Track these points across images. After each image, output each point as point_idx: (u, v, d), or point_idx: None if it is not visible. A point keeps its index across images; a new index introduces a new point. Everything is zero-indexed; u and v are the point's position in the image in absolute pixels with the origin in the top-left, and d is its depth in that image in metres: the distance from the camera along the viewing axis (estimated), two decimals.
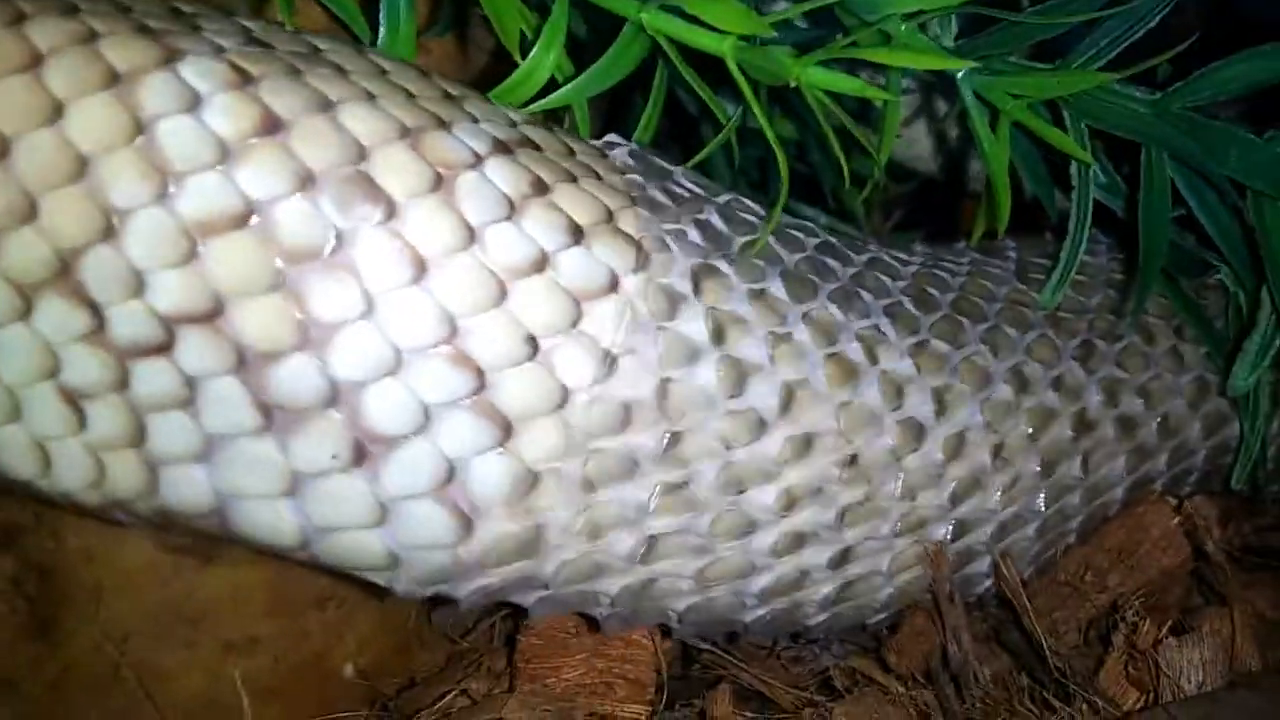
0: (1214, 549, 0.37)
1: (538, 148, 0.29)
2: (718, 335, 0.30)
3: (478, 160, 0.27)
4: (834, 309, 0.33)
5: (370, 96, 0.27)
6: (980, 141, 0.34)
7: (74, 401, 0.26)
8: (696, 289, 0.30)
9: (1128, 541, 0.39)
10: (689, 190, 0.33)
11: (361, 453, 0.26)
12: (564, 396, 0.28)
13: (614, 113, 0.40)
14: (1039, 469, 0.36)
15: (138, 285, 0.25)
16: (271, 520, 0.27)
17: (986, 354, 0.36)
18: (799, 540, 0.33)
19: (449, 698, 0.33)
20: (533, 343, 0.27)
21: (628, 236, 0.29)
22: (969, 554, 0.36)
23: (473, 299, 0.26)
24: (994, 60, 0.33)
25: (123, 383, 0.25)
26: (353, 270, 0.25)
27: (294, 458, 0.26)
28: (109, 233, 0.24)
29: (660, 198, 0.31)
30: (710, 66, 0.32)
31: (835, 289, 0.33)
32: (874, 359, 0.33)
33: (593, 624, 0.34)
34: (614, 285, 0.28)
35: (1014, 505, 0.36)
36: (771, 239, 0.33)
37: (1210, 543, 0.37)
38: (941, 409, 0.34)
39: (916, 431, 0.34)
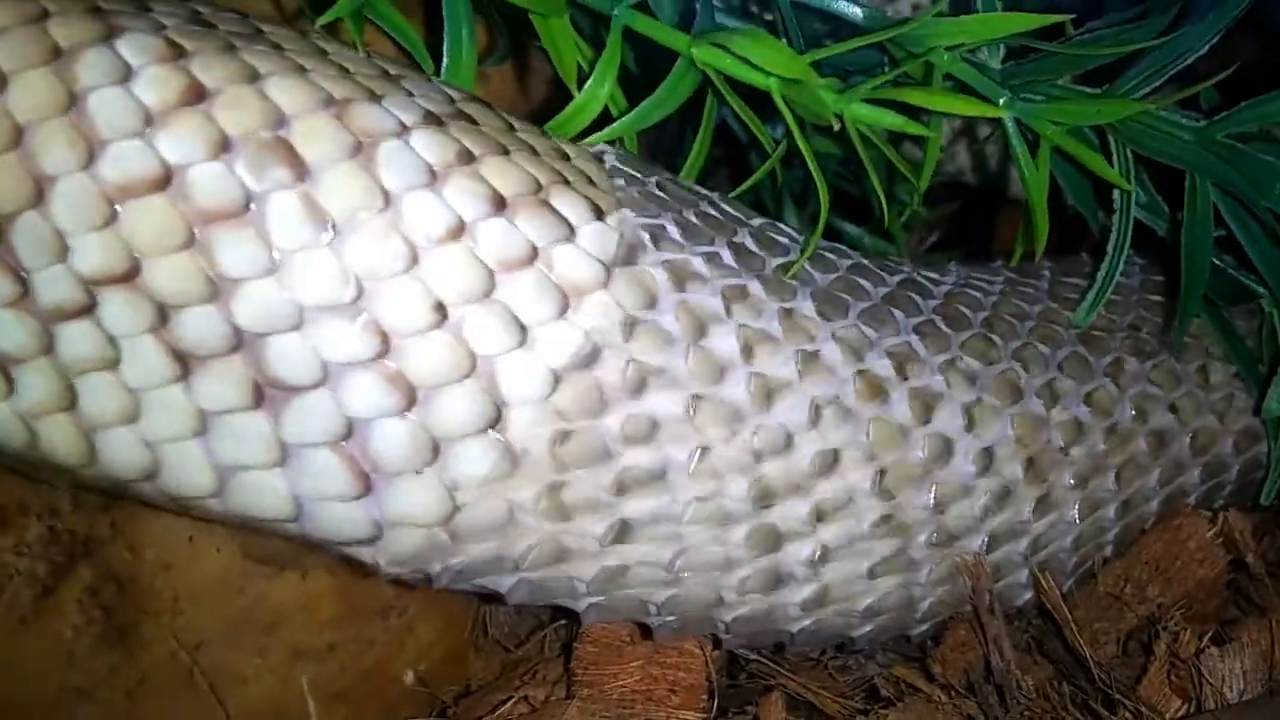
0: (1254, 561, 0.38)
1: (474, 122, 0.29)
2: (747, 351, 0.31)
3: (403, 130, 0.28)
4: (864, 327, 0.34)
5: (302, 70, 0.27)
6: (1020, 167, 0.35)
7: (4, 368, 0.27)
8: (727, 310, 0.31)
9: (1165, 554, 0.40)
10: (721, 214, 0.34)
11: (260, 395, 0.27)
12: (473, 366, 0.28)
13: (659, 138, 0.41)
14: (1072, 482, 0.37)
15: (62, 249, 0.26)
16: (188, 465, 0.28)
17: (1018, 370, 0.37)
18: (834, 553, 0.34)
19: (509, 704, 0.34)
20: (441, 310, 0.27)
21: (555, 211, 0.29)
22: (1006, 566, 0.37)
23: (380, 263, 0.27)
24: (1038, 85, 0.34)
25: (49, 347, 0.27)
26: (261, 229, 0.26)
27: (199, 397, 0.27)
28: (39, 198, 0.26)
29: (676, 235, 0.32)
30: (758, 92, 0.33)
31: (866, 308, 0.35)
32: (904, 375, 0.34)
33: (646, 632, 0.35)
34: (533, 257, 0.28)
35: (1048, 517, 0.37)
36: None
37: (1251, 555, 0.38)
38: (971, 424, 0.35)
39: (945, 446, 0.35)
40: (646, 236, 0.31)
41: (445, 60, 0.33)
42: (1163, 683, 0.36)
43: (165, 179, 0.26)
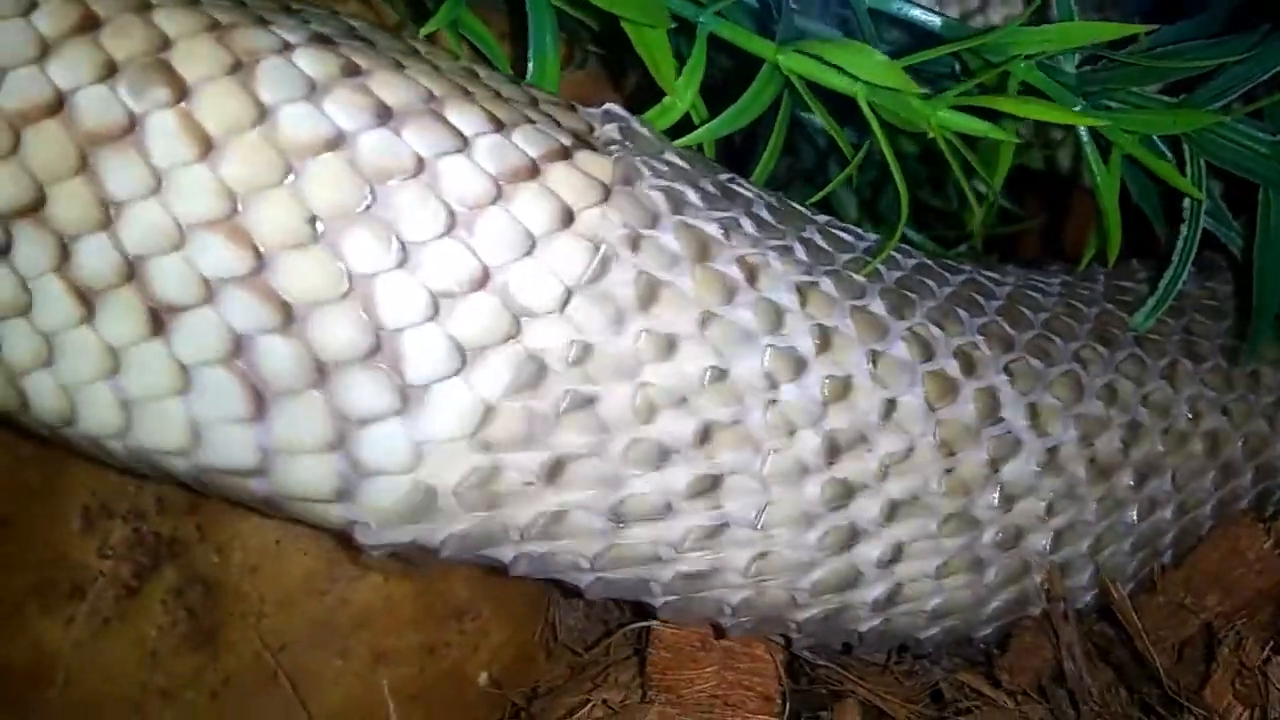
0: None
1: (370, 43, 0.29)
2: (822, 348, 0.31)
3: (286, 48, 0.27)
4: (932, 326, 0.34)
5: (193, 2, 0.28)
6: (1094, 175, 0.36)
7: None
8: (802, 301, 0.31)
9: (1223, 564, 0.40)
10: (789, 209, 0.34)
11: (158, 321, 0.27)
12: (350, 283, 0.27)
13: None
14: (1131, 483, 0.38)
15: None
16: (99, 406, 0.28)
17: (1079, 371, 0.37)
18: (905, 551, 0.34)
19: (588, 708, 0.35)
20: (313, 223, 0.27)
21: (446, 122, 0.28)
22: (1068, 566, 0.38)
23: (253, 176, 0.27)
24: (1113, 93, 0.35)
25: None
26: (141, 149, 0.27)
27: (102, 334, 0.27)
28: None
29: (751, 229, 0.32)
30: (834, 97, 0.33)
31: (934, 307, 0.35)
32: (970, 374, 0.34)
33: (718, 633, 0.35)
34: (419, 169, 0.27)
35: (1109, 518, 0.38)
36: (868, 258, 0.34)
37: None
38: (1035, 423, 0.35)
39: (1010, 445, 0.35)
40: (718, 230, 0.31)
41: (530, 67, 0.33)
42: (1226, 689, 0.37)
43: (57, 104, 0.27)
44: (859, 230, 0.36)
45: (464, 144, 0.28)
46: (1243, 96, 0.35)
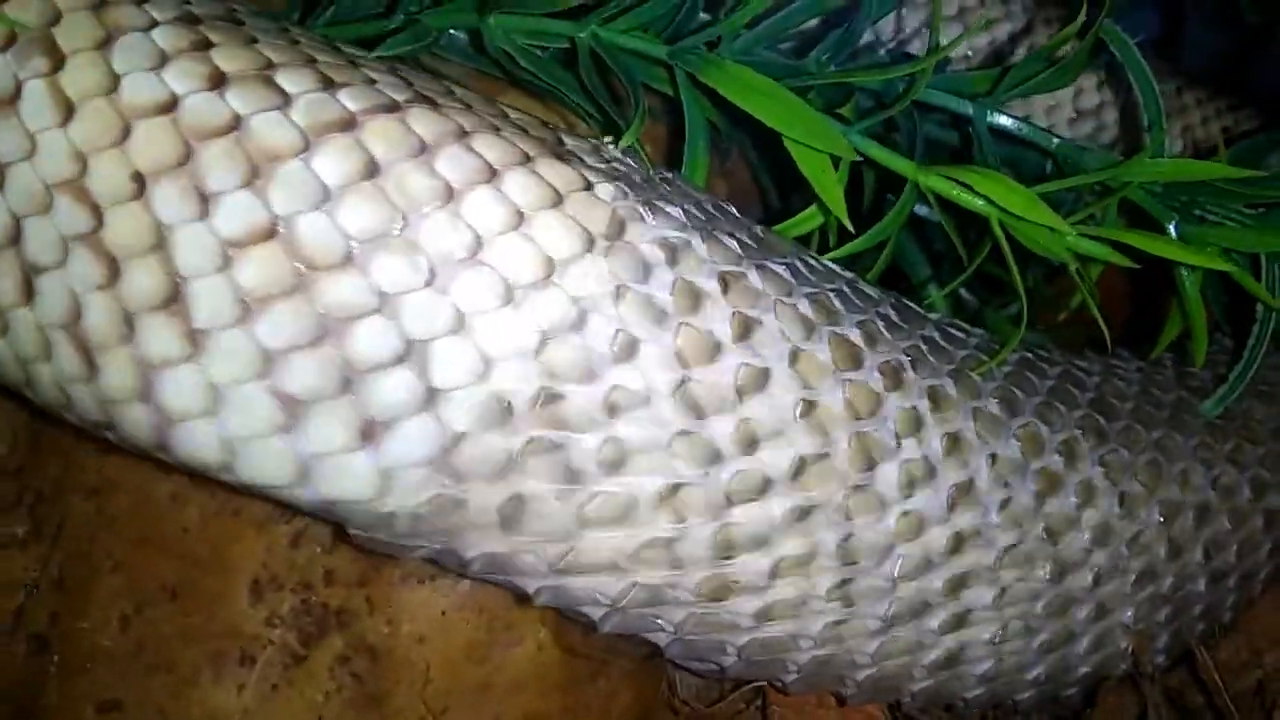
0: None
1: (238, 23, 0.31)
2: (950, 452, 0.34)
3: (151, 25, 0.30)
4: (1040, 424, 0.38)
5: None
6: (1181, 280, 0.39)
7: None
8: (933, 407, 0.34)
9: (1277, 624, 0.44)
10: (910, 309, 0.38)
11: (29, 286, 0.29)
12: (160, 237, 0.29)
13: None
14: (1201, 560, 0.42)
15: None
16: None
17: (1161, 459, 0.41)
18: (1012, 632, 0.38)
19: None
20: (139, 180, 0.29)
21: (272, 83, 0.29)
22: (1146, 632, 0.41)
23: (96, 138, 0.29)
24: (1201, 206, 0.38)
25: None
26: (18, 114, 0.29)
27: None
28: None
29: (885, 332, 0.35)
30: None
31: (1038, 404, 0.38)
32: (1072, 468, 0.38)
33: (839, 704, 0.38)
34: (233, 126, 0.29)
35: (1182, 590, 0.41)
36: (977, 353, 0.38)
37: None
38: (1126, 511, 0.39)
39: (1105, 531, 0.38)
40: (859, 334, 0.34)
41: (684, 169, 0.36)
42: None
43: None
44: (965, 326, 0.39)
45: (284, 100, 0.29)
46: None
